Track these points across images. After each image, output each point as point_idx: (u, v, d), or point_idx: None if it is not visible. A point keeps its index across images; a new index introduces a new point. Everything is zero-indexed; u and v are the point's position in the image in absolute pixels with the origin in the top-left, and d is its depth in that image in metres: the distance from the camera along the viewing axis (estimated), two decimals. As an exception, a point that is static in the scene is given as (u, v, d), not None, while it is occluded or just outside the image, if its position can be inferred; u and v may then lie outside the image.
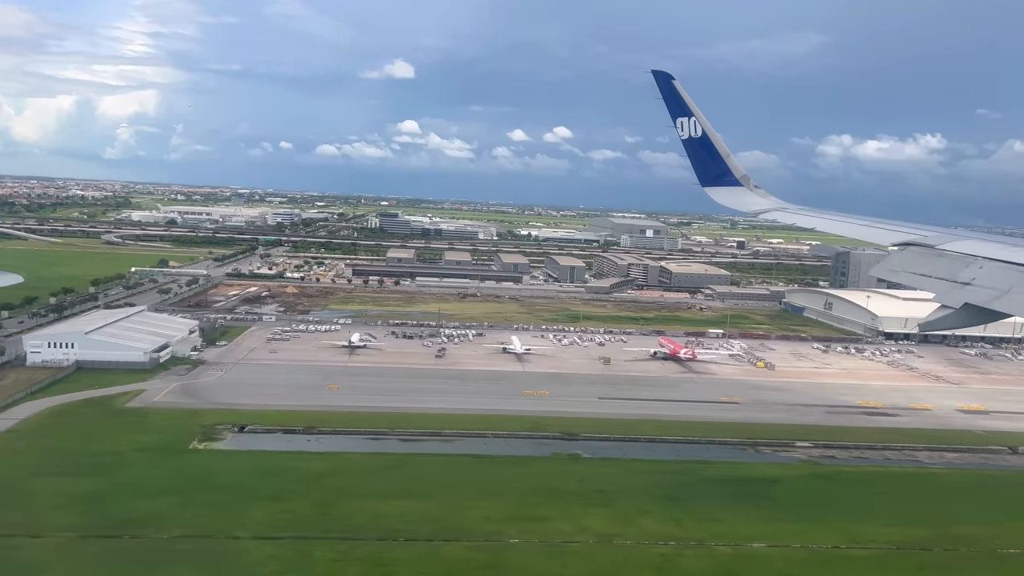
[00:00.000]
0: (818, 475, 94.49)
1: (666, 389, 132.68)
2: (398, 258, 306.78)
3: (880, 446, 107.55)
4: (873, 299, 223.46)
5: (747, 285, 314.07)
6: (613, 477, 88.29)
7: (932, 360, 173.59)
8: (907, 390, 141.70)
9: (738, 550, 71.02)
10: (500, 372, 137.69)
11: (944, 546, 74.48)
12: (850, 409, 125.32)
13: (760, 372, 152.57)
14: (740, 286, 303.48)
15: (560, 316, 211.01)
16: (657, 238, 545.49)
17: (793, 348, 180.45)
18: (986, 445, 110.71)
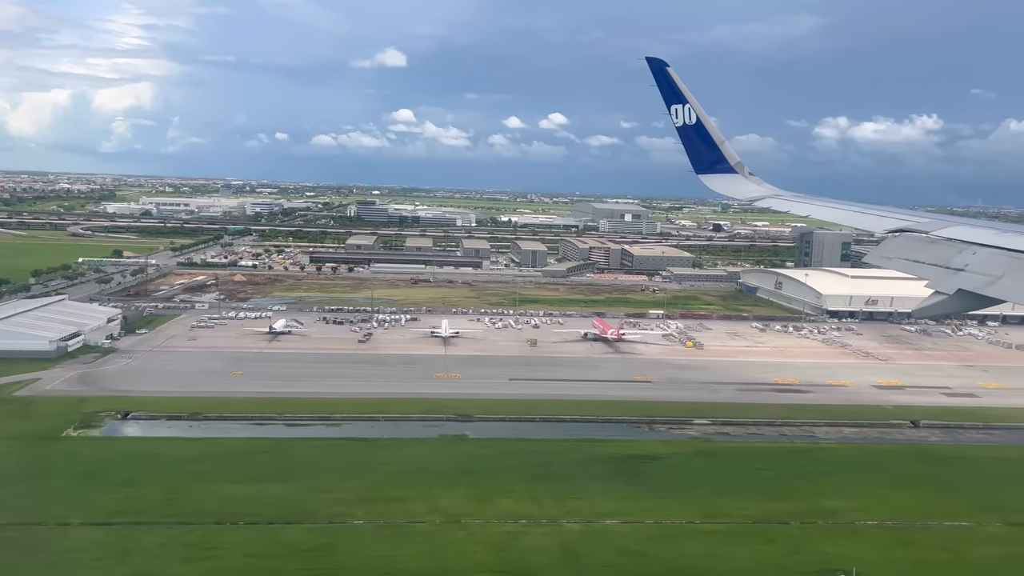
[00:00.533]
0: (703, 452, 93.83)
1: (583, 369, 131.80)
2: (357, 245, 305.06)
3: (780, 422, 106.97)
4: (819, 277, 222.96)
5: (712, 267, 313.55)
6: (490, 457, 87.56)
7: (869, 337, 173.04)
8: (831, 367, 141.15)
9: (588, 527, 70.35)
10: (419, 356, 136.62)
11: (803, 519, 73.82)
12: (764, 386, 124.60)
13: (687, 351, 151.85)
14: (703, 268, 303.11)
15: (507, 300, 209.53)
16: (636, 222, 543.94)
17: (731, 327, 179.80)
18: (888, 419, 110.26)
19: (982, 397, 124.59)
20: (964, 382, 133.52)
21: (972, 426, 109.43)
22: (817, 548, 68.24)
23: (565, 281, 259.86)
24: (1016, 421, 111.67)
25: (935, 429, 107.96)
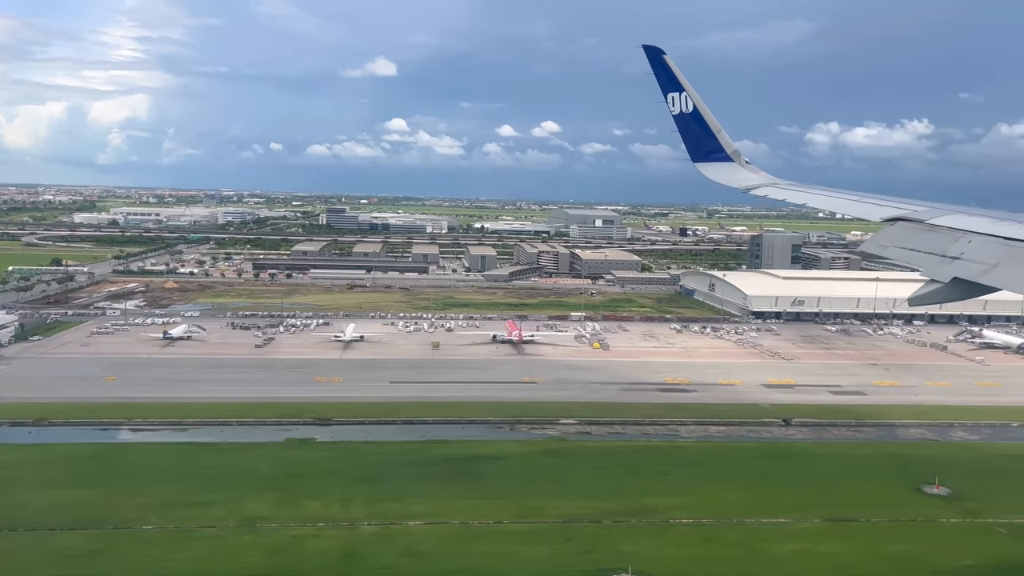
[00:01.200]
0: (551, 451, 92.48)
1: (475, 371, 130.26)
2: (304, 251, 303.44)
3: (648, 421, 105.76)
4: (748, 279, 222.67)
5: (665, 270, 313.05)
6: (324, 460, 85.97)
7: (785, 337, 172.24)
8: (730, 367, 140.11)
9: (386, 528, 68.81)
10: (310, 360, 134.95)
11: (616, 518, 72.47)
12: (650, 386, 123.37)
13: (591, 352, 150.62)
14: (651, 271, 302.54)
15: (437, 304, 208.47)
16: (607, 227, 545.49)
17: (650, 329, 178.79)
18: (760, 418, 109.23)
19: (869, 395, 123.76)
20: (859, 380, 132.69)
21: (844, 423, 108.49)
22: (613, 547, 66.74)
23: (507, 285, 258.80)
24: (891, 418, 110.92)
25: (805, 427, 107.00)
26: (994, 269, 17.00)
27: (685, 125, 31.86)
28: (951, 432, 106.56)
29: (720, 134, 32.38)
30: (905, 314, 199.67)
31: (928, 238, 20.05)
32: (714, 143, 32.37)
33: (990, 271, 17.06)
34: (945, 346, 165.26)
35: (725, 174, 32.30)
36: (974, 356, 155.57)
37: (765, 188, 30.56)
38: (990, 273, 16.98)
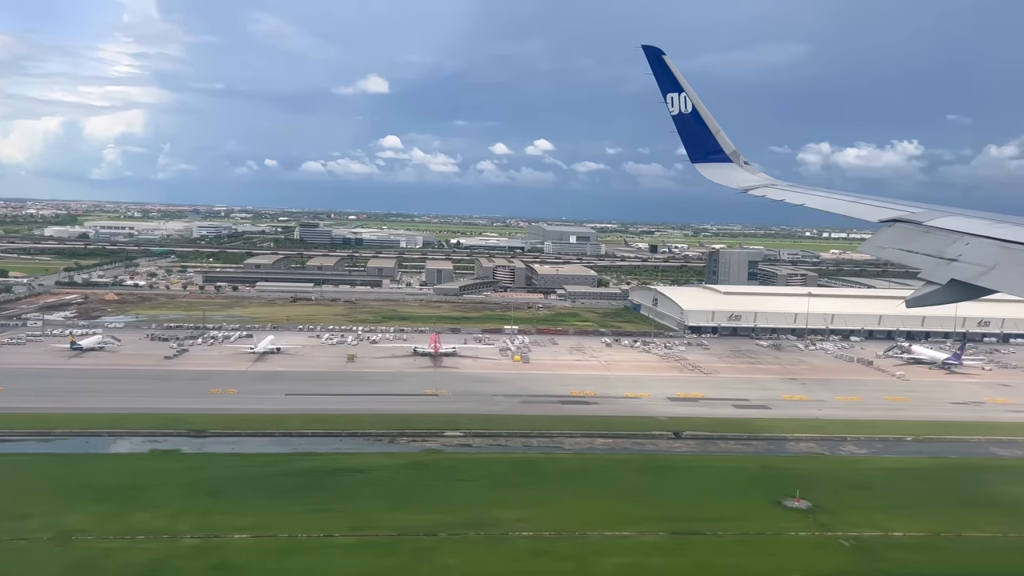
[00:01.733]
0: (421, 463, 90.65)
1: (379, 384, 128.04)
2: (256, 264, 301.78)
3: (536, 433, 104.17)
4: (687, 294, 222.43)
5: (623, 284, 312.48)
6: (175, 472, 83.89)
7: (714, 352, 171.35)
8: (644, 380, 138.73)
9: (206, 542, 66.75)
10: (215, 372, 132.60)
11: (453, 531, 70.64)
12: (552, 399, 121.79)
13: (509, 365, 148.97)
14: (607, 286, 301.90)
15: (377, 317, 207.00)
16: (580, 244, 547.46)
17: (581, 342, 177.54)
18: (651, 430, 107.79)
19: (773, 409, 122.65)
20: (769, 394, 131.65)
21: (735, 437, 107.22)
22: (437, 561, 65.10)
23: (456, 299, 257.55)
24: (785, 432, 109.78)
25: (694, 440, 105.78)
26: (991, 271, 16.79)
27: (684, 125, 31.99)
28: (841, 446, 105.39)
29: (719, 134, 32.53)
30: (843, 329, 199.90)
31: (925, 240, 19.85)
32: (713, 144, 32.46)
33: (987, 273, 16.84)
34: (871, 361, 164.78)
35: (724, 174, 32.36)
36: (896, 371, 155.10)
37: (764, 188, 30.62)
38: (987, 275, 16.77)
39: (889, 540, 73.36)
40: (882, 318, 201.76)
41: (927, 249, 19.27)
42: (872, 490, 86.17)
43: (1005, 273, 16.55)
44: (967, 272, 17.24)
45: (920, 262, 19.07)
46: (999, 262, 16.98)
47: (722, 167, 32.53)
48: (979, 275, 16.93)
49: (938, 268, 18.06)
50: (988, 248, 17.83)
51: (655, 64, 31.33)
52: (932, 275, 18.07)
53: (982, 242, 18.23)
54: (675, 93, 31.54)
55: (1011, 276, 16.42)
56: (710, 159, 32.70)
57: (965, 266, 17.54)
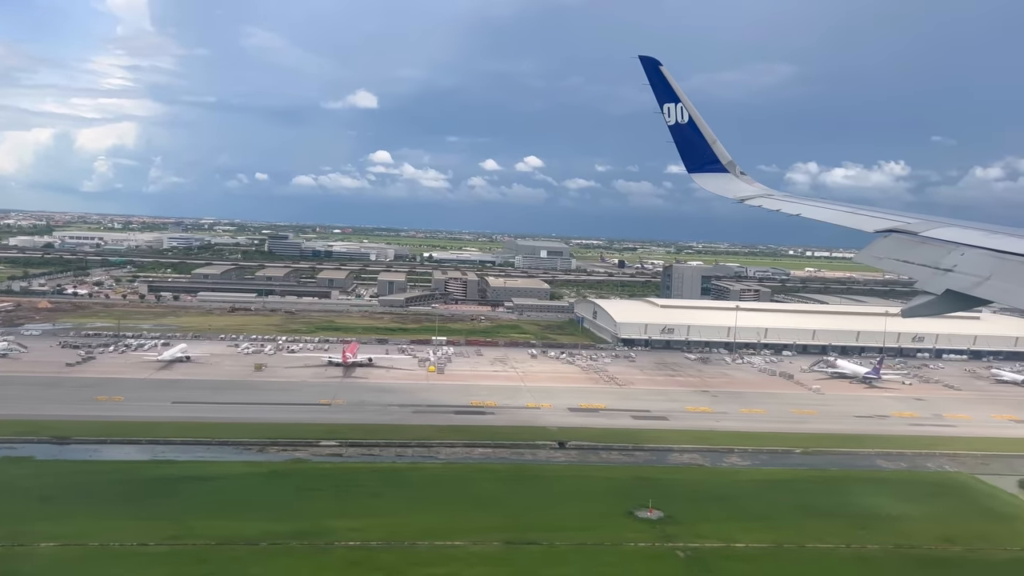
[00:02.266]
0: (278, 473, 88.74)
1: (276, 393, 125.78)
2: (204, 274, 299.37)
3: (415, 443, 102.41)
4: (623, 307, 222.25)
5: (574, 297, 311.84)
6: (18, 478, 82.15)
7: (639, 364, 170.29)
8: (554, 391, 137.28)
9: (10, 550, 64.50)
10: (112, 379, 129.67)
11: (277, 541, 68.60)
12: (448, 409, 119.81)
13: (421, 376, 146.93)
14: (559, 299, 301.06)
15: (310, 328, 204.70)
16: (551, 258, 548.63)
17: (507, 354, 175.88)
18: (536, 440, 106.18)
19: (671, 420, 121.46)
20: (674, 406, 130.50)
21: (621, 447, 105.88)
22: (246, 571, 63.11)
23: (402, 310, 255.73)
24: (672, 443, 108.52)
25: (578, 450, 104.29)
26: (987, 282, 16.85)
27: (681, 136, 32.05)
28: (725, 458, 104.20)
29: (715, 145, 32.52)
30: (776, 344, 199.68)
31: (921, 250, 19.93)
32: (709, 154, 32.47)
33: (983, 283, 16.87)
34: (792, 375, 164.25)
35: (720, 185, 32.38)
36: (813, 385, 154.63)
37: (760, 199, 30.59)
38: (983, 286, 16.81)
39: (729, 551, 71.98)
40: (816, 333, 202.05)
41: (923, 259, 19.34)
42: (733, 501, 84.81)
43: (1000, 283, 16.57)
44: (963, 282, 17.25)
45: (916, 272, 19.14)
46: (994, 272, 17.00)
47: (718, 177, 32.72)
48: (974, 285, 16.91)
49: (934, 278, 18.09)
50: (983, 259, 17.81)
51: (652, 74, 31.47)
52: (928, 285, 18.15)
53: (977, 252, 18.22)
54: (672, 103, 31.76)
55: (1006, 286, 16.44)
56: (706, 169, 32.87)
57: (961, 276, 17.52)
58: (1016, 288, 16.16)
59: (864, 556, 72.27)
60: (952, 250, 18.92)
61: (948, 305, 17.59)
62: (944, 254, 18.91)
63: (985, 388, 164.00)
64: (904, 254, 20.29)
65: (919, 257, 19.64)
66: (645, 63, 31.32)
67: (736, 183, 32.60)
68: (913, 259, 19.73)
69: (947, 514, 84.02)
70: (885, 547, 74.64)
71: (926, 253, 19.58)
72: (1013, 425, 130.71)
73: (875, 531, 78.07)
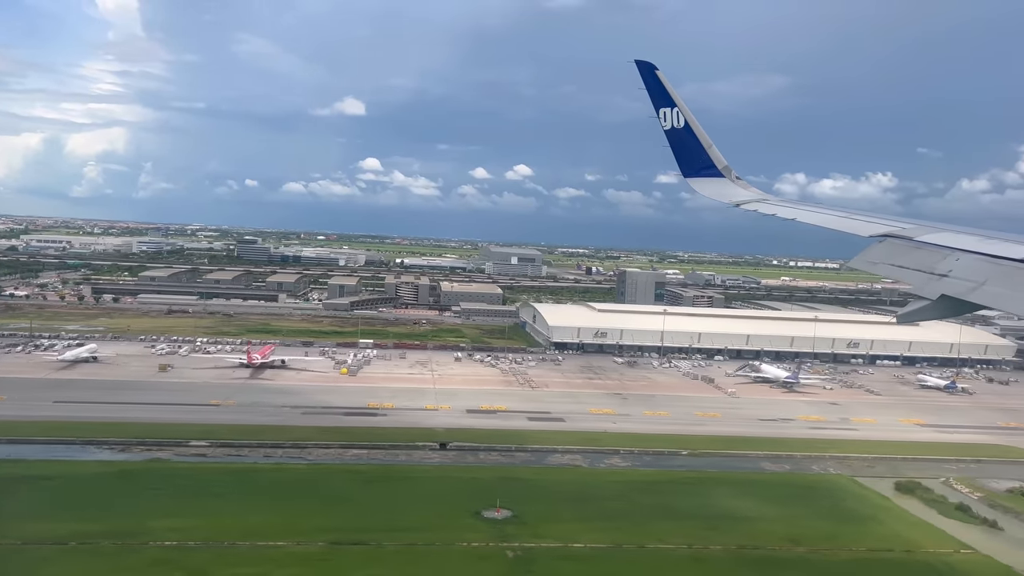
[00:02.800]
0: (127, 472, 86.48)
1: (170, 393, 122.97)
2: (152, 277, 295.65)
3: (288, 444, 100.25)
4: (557, 311, 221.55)
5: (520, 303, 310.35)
6: None
7: (564, 367, 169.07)
8: (460, 393, 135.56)
9: None
10: (3, 379, 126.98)
11: (88, 540, 66.35)
12: (339, 410, 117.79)
13: (331, 378, 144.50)
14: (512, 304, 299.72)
15: (242, 330, 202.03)
16: (522, 265, 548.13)
17: (431, 357, 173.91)
18: (416, 441, 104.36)
19: (568, 422, 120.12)
20: (576, 408, 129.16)
21: (503, 448, 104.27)
22: (43, 570, 60.96)
23: (346, 314, 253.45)
24: (558, 443, 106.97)
25: (459, 451, 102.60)
26: (981, 287, 16.90)
27: (677, 140, 32.19)
28: (607, 459, 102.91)
29: (711, 149, 32.75)
30: (709, 349, 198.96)
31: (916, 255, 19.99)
32: (705, 158, 32.64)
33: (977, 289, 16.91)
34: (713, 379, 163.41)
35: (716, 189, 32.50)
36: (729, 388, 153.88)
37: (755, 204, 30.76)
38: (977, 291, 16.86)
39: (563, 551, 70.41)
40: (750, 338, 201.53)
41: (918, 264, 19.36)
42: (592, 502, 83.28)
43: (995, 288, 16.59)
44: (958, 288, 17.27)
45: (911, 277, 19.17)
46: (989, 278, 17.01)
47: (714, 182, 32.75)
48: (969, 291, 16.93)
49: (929, 283, 18.10)
50: (978, 264, 17.83)
51: (648, 79, 31.53)
52: (923, 290, 18.16)
53: (972, 258, 18.26)
54: (668, 108, 31.84)
55: (1001, 292, 16.48)
56: (702, 174, 32.89)
57: (956, 282, 17.54)
58: (1011, 293, 16.20)
59: (701, 556, 70.88)
60: (947, 255, 18.94)
61: (943, 310, 17.68)
62: (939, 259, 18.94)
63: (906, 393, 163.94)
64: (899, 259, 20.30)
65: (914, 262, 19.62)
66: (641, 67, 31.41)
67: (731, 187, 32.76)
68: (908, 264, 19.75)
69: (804, 515, 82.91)
70: (728, 548, 73.38)
71: (921, 258, 19.59)
72: (917, 429, 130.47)
73: (724, 532, 76.83)
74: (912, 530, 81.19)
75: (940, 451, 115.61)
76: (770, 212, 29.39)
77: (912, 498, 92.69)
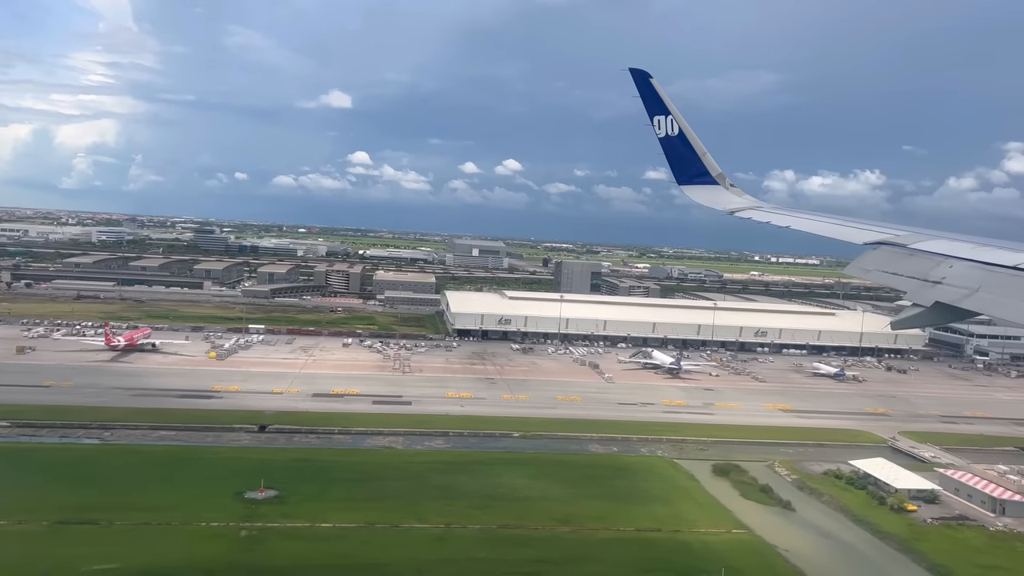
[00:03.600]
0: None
1: (12, 376, 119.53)
2: (76, 263, 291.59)
3: (95, 425, 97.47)
4: (468, 299, 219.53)
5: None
6: None
7: (455, 353, 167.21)
8: (319, 377, 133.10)
9: None
10: None
11: None
12: (175, 393, 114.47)
13: (198, 362, 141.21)
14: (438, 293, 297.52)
15: (142, 315, 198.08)
16: (482, 257, 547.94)
17: (319, 343, 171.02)
18: (234, 424, 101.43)
19: (414, 405, 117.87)
20: (434, 392, 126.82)
21: (325, 431, 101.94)
22: None
23: (265, 301, 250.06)
24: (386, 426, 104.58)
25: (280, 433, 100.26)
26: (975, 294, 16.99)
27: (671, 148, 32.33)
28: (428, 441, 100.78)
29: (705, 157, 32.76)
30: (614, 336, 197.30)
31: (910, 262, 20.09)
32: (699, 166, 32.75)
33: (971, 296, 17.03)
34: (598, 364, 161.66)
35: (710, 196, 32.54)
36: (607, 373, 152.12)
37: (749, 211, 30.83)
38: (971, 298, 16.96)
39: (305, 530, 68.13)
40: (656, 326, 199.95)
41: (912, 271, 19.46)
42: (370, 483, 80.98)
43: (988, 296, 16.69)
44: (951, 295, 17.40)
45: (905, 284, 19.27)
46: (982, 285, 17.13)
47: (708, 189, 32.75)
48: (963, 298, 17.05)
49: (923, 290, 18.24)
50: (972, 271, 17.95)
51: (642, 87, 31.38)
52: (917, 297, 18.35)
53: (966, 265, 18.35)
54: (662, 116, 31.81)
55: (994, 299, 16.56)
56: (696, 181, 32.90)
57: (949, 289, 17.65)
58: (1004, 300, 16.24)
59: (449, 535, 68.70)
60: (941, 262, 19.01)
61: (937, 317, 17.81)
62: (933, 266, 19.01)
63: (793, 380, 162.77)
64: (893, 266, 20.38)
65: (908, 269, 19.73)
66: (635, 76, 31.39)
67: (726, 195, 32.80)
68: (902, 271, 19.82)
69: (590, 496, 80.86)
70: (487, 527, 71.34)
71: (915, 265, 19.67)
72: (779, 415, 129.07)
73: (494, 512, 74.83)
74: (697, 511, 79.41)
75: (786, 435, 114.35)
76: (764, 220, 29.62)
77: (723, 480, 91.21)
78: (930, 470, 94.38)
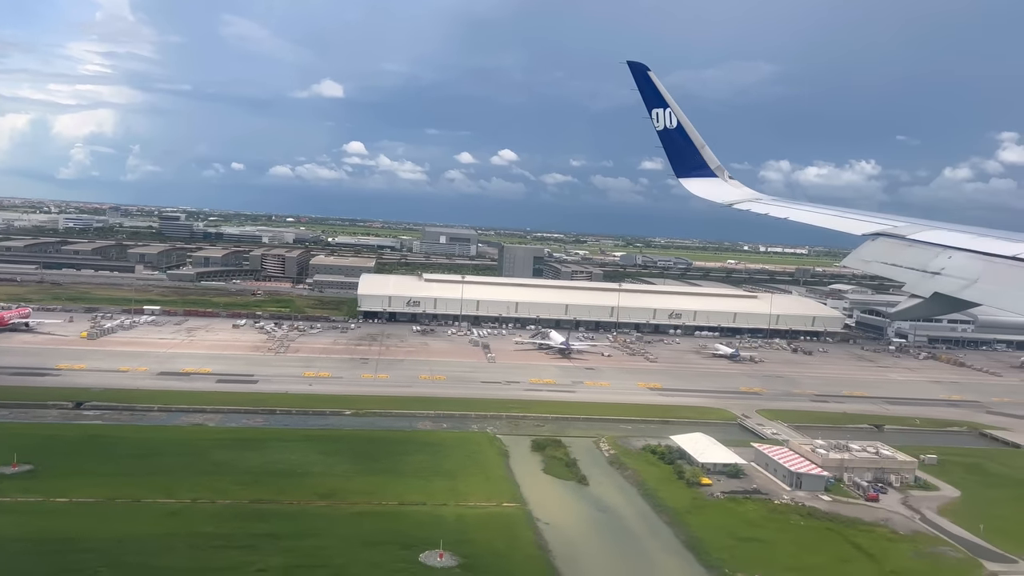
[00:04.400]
0: None
1: None
2: (7, 247, 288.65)
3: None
4: (382, 281, 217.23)
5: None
6: None
7: (350, 335, 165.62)
8: (182, 356, 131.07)
9: None
10: None
11: None
12: (10, 371, 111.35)
13: (70, 341, 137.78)
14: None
15: (51, 298, 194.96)
16: (450, 244, 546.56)
17: (211, 324, 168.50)
18: (51, 400, 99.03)
19: (260, 383, 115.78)
20: (291, 372, 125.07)
21: (145, 408, 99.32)
22: None
23: (190, 284, 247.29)
24: (218, 404, 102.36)
25: (105, 411, 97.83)
26: (974, 284, 16.98)
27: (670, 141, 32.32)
28: (244, 418, 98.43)
29: (704, 150, 32.87)
30: (524, 319, 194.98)
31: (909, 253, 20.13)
32: (698, 159, 32.83)
33: (970, 286, 17.03)
34: (489, 345, 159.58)
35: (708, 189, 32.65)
36: (490, 353, 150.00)
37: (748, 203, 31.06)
38: (970, 288, 16.93)
39: (36, 506, 65.89)
40: (569, 308, 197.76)
41: (911, 263, 19.48)
42: (142, 460, 78.16)
43: (987, 286, 16.69)
44: (950, 285, 17.37)
45: (904, 275, 19.30)
46: (982, 275, 17.13)
47: (707, 182, 32.81)
48: (962, 288, 17.02)
49: (922, 281, 18.24)
50: (970, 261, 17.93)
51: (640, 80, 31.28)
52: (916, 288, 18.34)
53: (965, 255, 18.37)
54: (660, 109, 31.72)
55: (993, 289, 16.55)
56: (695, 174, 32.94)
57: (948, 279, 17.63)
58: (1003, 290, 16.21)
59: (181, 511, 66.23)
60: (940, 253, 19.00)
61: (936, 307, 17.75)
62: (932, 257, 18.96)
63: (686, 361, 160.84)
64: (892, 257, 20.39)
65: (907, 260, 19.68)
66: (633, 68, 31.24)
67: (724, 187, 32.84)
68: (901, 262, 19.80)
69: (367, 471, 78.40)
70: (239, 502, 69.11)
71: (914, 256, 19.63)
72: (644, 393, 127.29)
73: (255, 487, 72.55)
74: (480, 485, 77.10)
75: (637, 412, 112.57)
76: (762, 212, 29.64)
77: (536, 455, 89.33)
78: (747, 446, 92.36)
